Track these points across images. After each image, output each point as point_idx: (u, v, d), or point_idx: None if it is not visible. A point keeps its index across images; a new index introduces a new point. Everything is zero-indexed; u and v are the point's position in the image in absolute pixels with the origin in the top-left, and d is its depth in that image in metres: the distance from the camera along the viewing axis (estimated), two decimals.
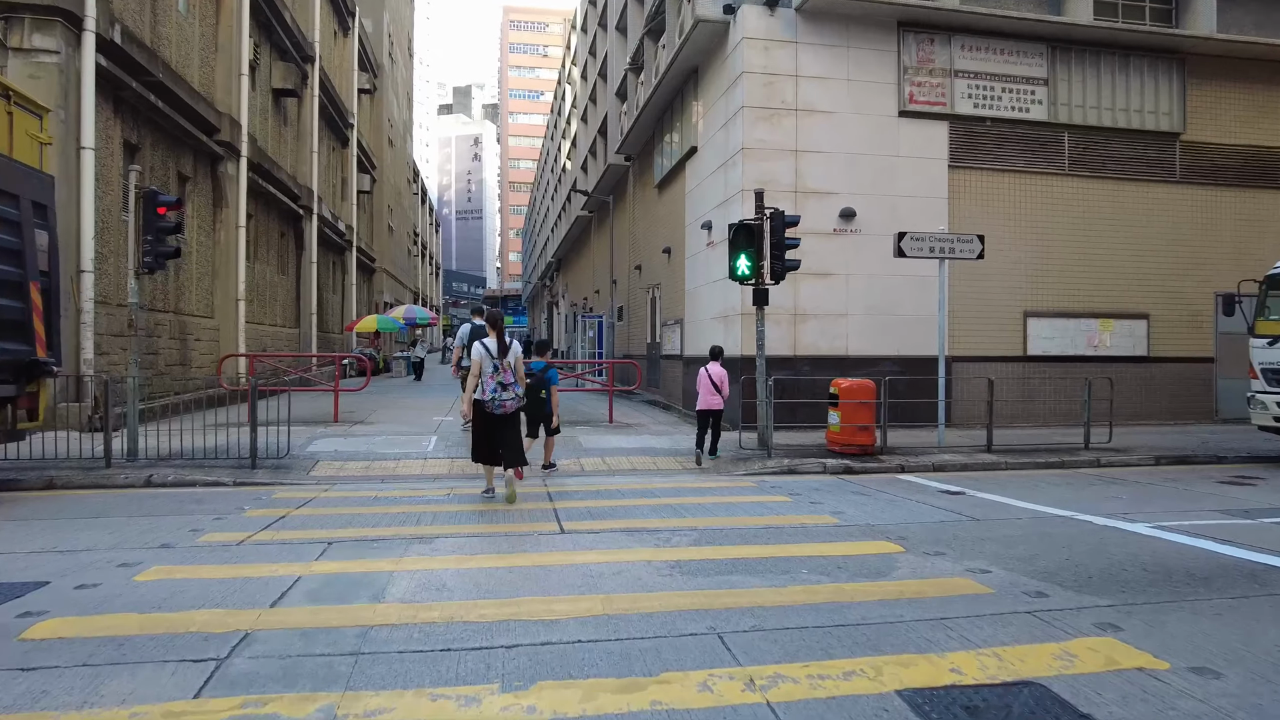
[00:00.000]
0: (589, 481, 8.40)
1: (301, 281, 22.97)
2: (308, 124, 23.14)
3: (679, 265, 15.97)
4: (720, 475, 9.07)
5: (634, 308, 20.92)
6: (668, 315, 16.95)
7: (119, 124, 12.08)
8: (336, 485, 8.00)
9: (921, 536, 5.81)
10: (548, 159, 48.94)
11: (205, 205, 15.71)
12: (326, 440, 9.99)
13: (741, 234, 9.90)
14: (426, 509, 6.70)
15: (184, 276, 14.61)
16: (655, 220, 18.39)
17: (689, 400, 14.47)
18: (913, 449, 10.56)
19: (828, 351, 12.41)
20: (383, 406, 14.63)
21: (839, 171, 12.57)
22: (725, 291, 12.75)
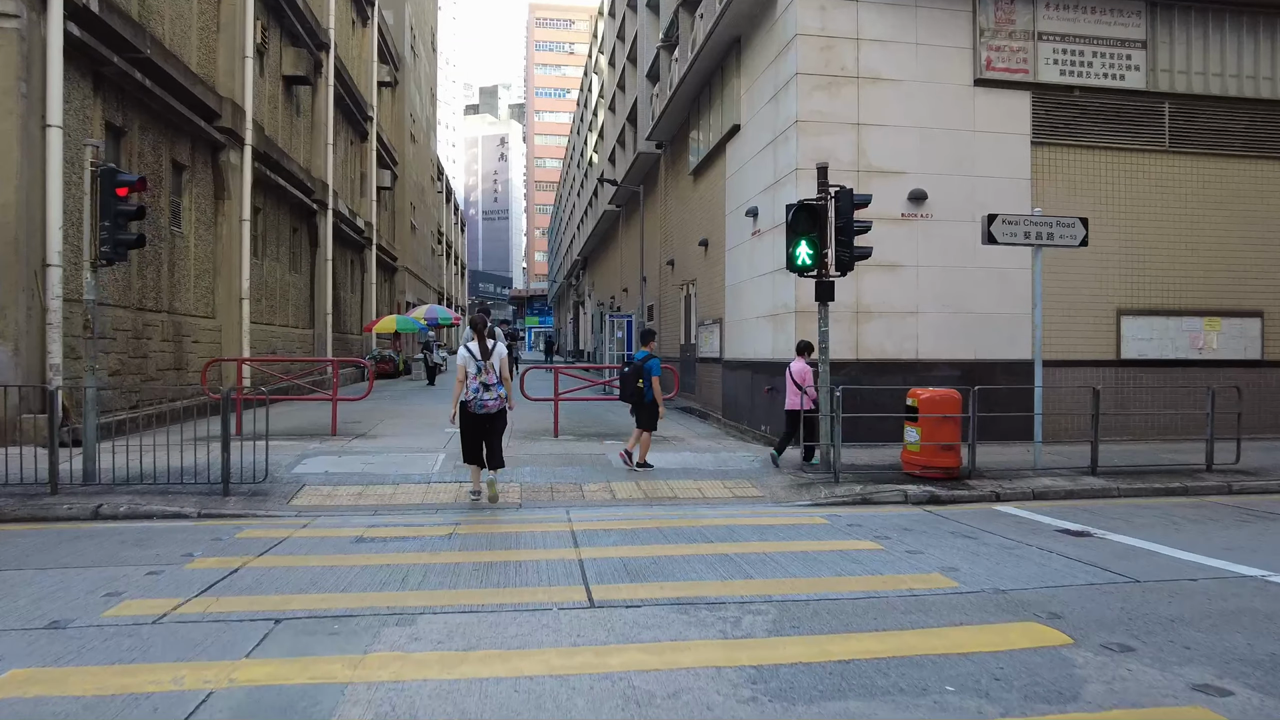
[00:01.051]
0: (623, 515, 6.93)
1: (316, 280, 21.85)
2: (322, 114, 22.02)
3: (717, 259, 14.45)
4: (781, 506, 7.54)
5: (666, 306, 19.42)
6: (705, 314, 15.43)
7: (99, 103, 10.89)
8: (318, 519, 6.62)
9: (1081, 613, 4.23)
10: (574, 154, 47.65)
11: (205, 196, 14.55)
12: (317, 459, 8.64)
13: (802, 216, 8.35)
14: (419, 559, 5.28)
15: (180, 273, 13.44)
16: (690, 211, 16.88)
17: (730, 408, 12.95)
18: (1002, 471, 8.93)
19: (894, 355, 10.80)
20: (391, 415, 13.31)
21: (907, 148, 10.95)
22: (775, 286, 11.20)
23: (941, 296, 11.02)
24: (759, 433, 11.40)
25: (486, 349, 7.07)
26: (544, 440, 10.36)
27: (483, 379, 6.99)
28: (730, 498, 7.74)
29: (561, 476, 8.20)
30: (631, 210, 25.70)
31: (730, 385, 13.27)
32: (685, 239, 17.27)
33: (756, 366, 11.84)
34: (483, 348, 7.06)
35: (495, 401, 7.03)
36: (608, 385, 16.50)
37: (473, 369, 7.02)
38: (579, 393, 13.10)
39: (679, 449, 10.12)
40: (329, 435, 10.21)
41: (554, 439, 10.46)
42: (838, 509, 7.45)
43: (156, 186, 12.58)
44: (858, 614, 4.22)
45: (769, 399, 11.09)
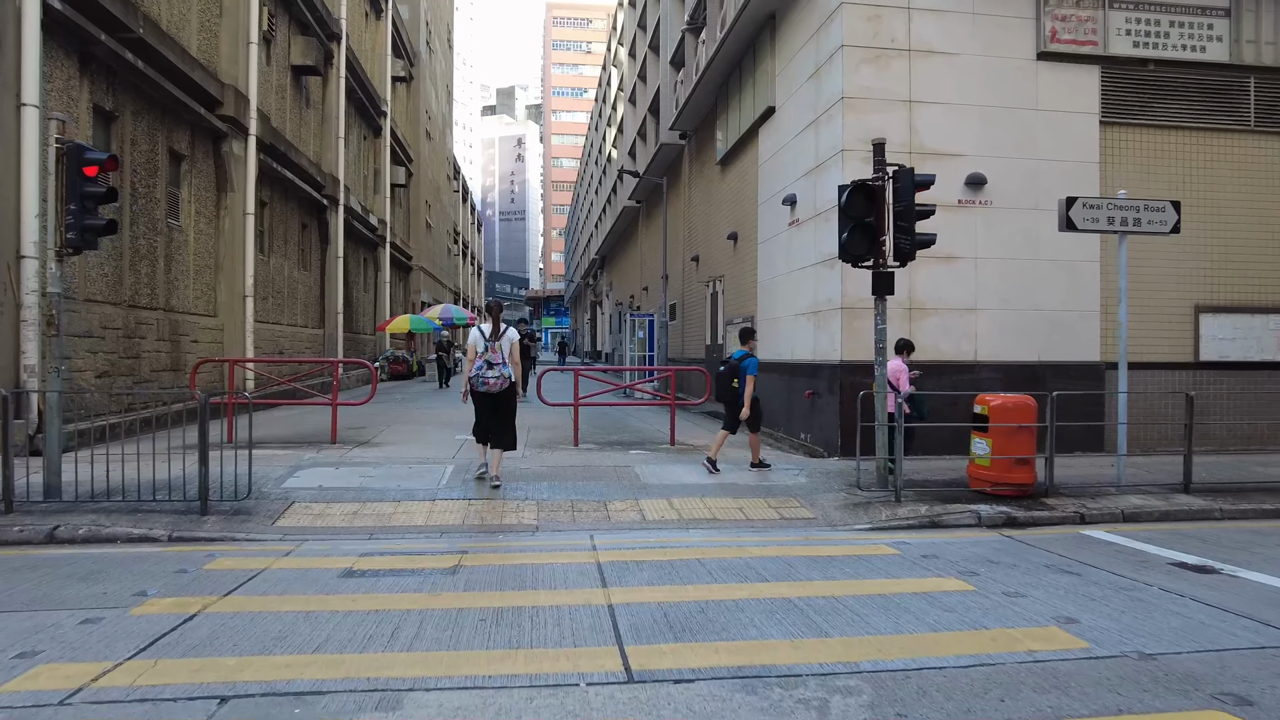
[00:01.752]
0: (656, 540, 5.97)
1: (326, 278, 21.11)
2: (333, 107, 21.28)
3: (748, 253, 13.46)
4: (838, 530, 6.55)
5: (689, 305, 18.45)
6: (733, 312, 14.44)
7: (86, 84, 10.11)
8: (305, 543, 5.73)
9: (1276, 696, 3.22)
10: (592, 150, 46.80)
11: (206, 188, 13.78)
12: (311, 471, 7.75)
13: (858, 198, 7.35)
14: (415, 601, 4.35)
15: (178, 268, 12.67)
16: (716, 203, 15.90)
17: (763, 414, 11.92)
18: (1080, 487, 7.88)
19: (950, 355, 9.76)
20: (398, 420, 12.43)
21: (963, 128, 9.91)
22: (818, 281, 10.20)
23: (1001, 292, 9.96)
24: (798, 441, 10.40)
25: (498, 330, 7.39)
26: (563, 450, 9.43)
27: (487, 357, 7.32)
28: (777, 519, 6.76)
29: (583, 493, 7.26)
30: (652, 205, 24.75)
31: (763, 389, 12.23)
32: (711, 233, 16.29)
33: (794, 369, 10.83)
34: (495, 329, 7.39)
35: (497, 380, 7.28)
36: (628, 389, 15.56)
37: (480, 348, 7.35)
38: (601, 396, 12.12)
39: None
40: (328, 443, 9.33)
41: (574, 448, 9.53)
42: (904, 534, 6.45)
43: (152, 176, 11.81)
44: (975, 692, 3.23)
45: (810, 404, 10.09)
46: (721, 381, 8.65)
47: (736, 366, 8.42)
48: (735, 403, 8.43)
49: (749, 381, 8.31)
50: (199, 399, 6.25)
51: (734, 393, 8.42)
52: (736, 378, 8.40)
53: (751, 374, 8.34)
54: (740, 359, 8.44)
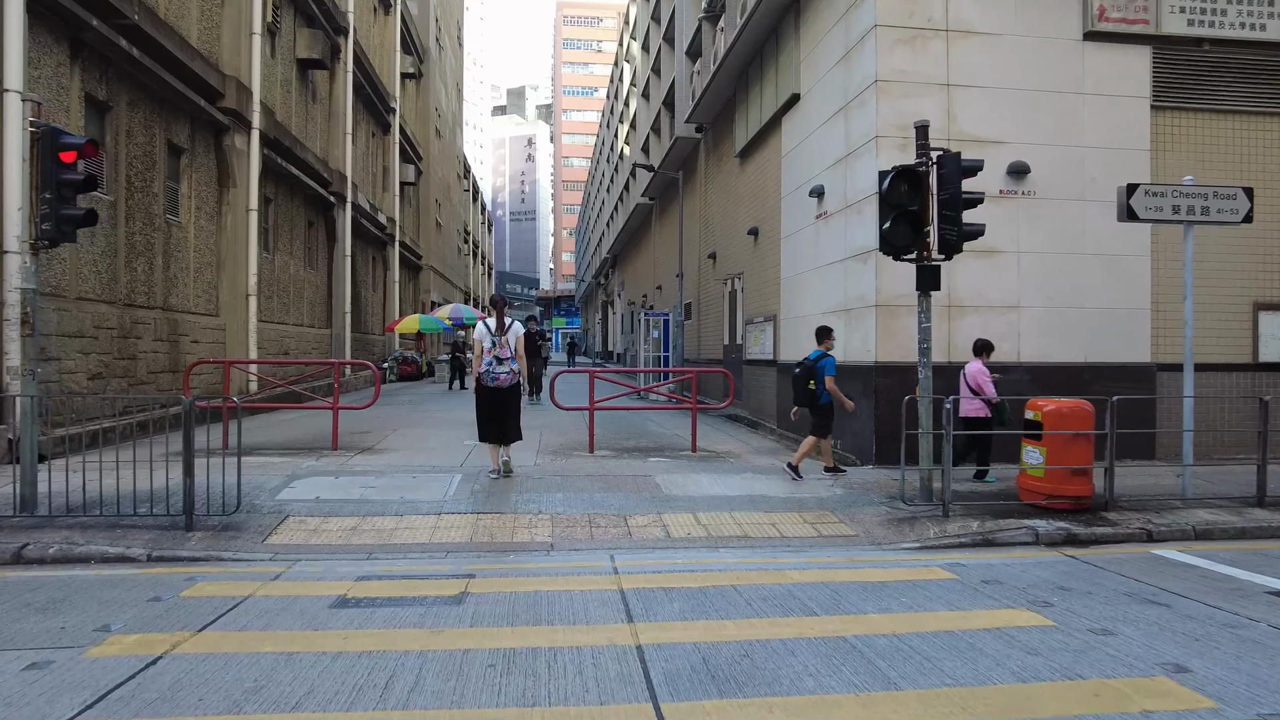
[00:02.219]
0: (684, 561, 5.38)
1: (334, 277, 20.67)
2: (340, 102, 20.83)
3: (770, 249, 12.85)
4: (884, 550, 5.93)
5: (706, 303, 17.84)
6: (754, 311, 13.83)
7: (77, 72, 9.64)
8: (297, 564, 5.18)
9: None
10: (603, 148, 46.26)
11: (206, 183, 13.32)
12: (309, 481, 7.21)
13: (900, 185, 6.74)
14: (415, 640, 3.79)
15: (177, 266, 12.20)
16: (735, 198, 15.29)
17: (787, 418, 11.30)
18: (1141, 500, 7.23)
19: (992, 357, 9.10)
20: (405, 424, 11.90)
21: (1004, 114, 9.26)
22: (848, 276, 9.58)
23: (1045, 288, 9.31)
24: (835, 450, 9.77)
25: (503, 325, 7.33)
26: (578, 457, 8.85)
27: (496, 353, 7.27)
28: (815, 536, 6.15)
29: (601, 505, 6.68)
30: (667, 202, 24.17)
31: (787, 392, 11.63)
32: (729, 229, 15.69)
33: None
34: (500, 324, 7.32)
35: (508, 375, 7.30)
36: (642, 391, 14.98)
37: (488, 344, 7.29)
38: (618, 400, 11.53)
39: (738, 468, 8.53)
40: (329, 449, 8.79)
41: (589, 455, 8.95)
42: (956, 554, 5.83)
43: (149, 170, 11.34)
44: None
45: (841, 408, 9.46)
46: (797, 384, 8.21)
47: (813, 367, 8.06)
48: (817, 406, 8.09)
49: (829, 381, 7.96)
50: (183, 404, 5.70)
51: (812, 395, 8.07)
52: (813, 379, 8.04)
53: (829, 374, 7.99)
54: (817, 359, 8.08)
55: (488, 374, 7.27)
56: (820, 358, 8.09)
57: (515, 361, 7.35)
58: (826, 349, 8.20)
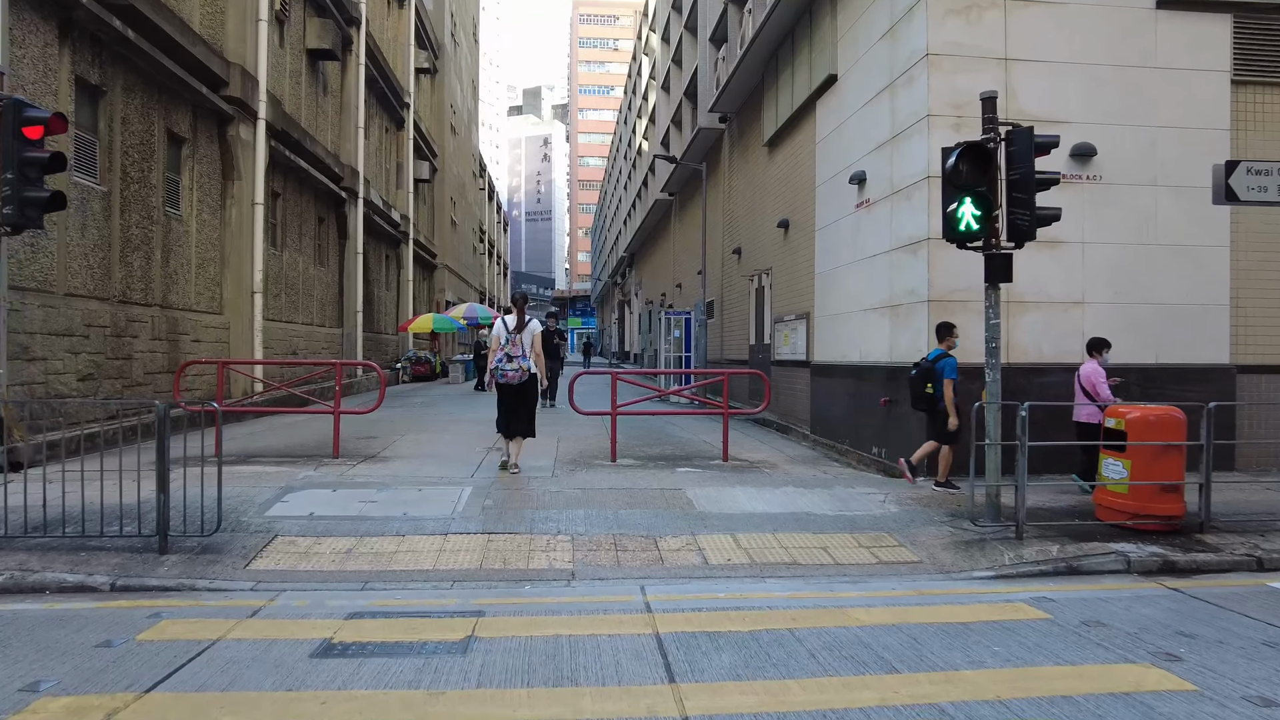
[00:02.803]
0: (727, 595, 4.63)
1: (345, 275, 20.10)
2: (352, 95, 20.27)
3: (802, 242, 12.06)
4: (954, 579, 5.15)
5: (730, 301, 17.05)
6: (783, 309, 13.04)
7: (67, 53, 9.05)
8: (281, 595, 4.49)
9: None
10: (620, 145, 45.55)
11: (210, 175, 12.74)
12: (303, 495, 6.52)
13: (967, 162, 5.94)
14: (409, 707, 3.07)
15: (177, 261, 11.61)
16: (763, 189, 14.51)
17: (823, 423, 10.54)
18: (1236, 518, 6.40)
19: (1052, 357, 8.28)
20: (414, 428, 11.21)
21: (1067, 90, 8.42)
22: (894, 269, 8.77)
23: (1113, 282, 8.45)
24: (869, 456, 8.98)
25: (522, 323, 7.44)
26: (599, 468, 8.11)
27: (508, 350, 7.33)
28: (873, 563, 5.37)
29: (627, 524, 5.94)
30: (687, 197, 23.41)
31: (823, 395, 10.86)
32: (756, 222, 14.90)
33: (863, 372, 9.41)
34: (519, 322, 7.43)
35: (516, 373, 7.33)
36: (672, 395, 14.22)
37: (503, 340, 7.37)
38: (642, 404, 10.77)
39: (776, 480, 7.75)
40: (329, 457, 8.10)
41: (611, 465, 8.22)
42: (1038, 584, 5.03)
43: (147, 160, 10.76)
44: None
45: (885, 413, 8.66)
46: (914, 387, 7.41)
47: (931, 369, 7.24)
48: (935, 410, 7.27)
49: (947, 386, 7.13)
50: (156, 409, 5.03)
51: (930, 400, 7.26)
52: (931, 382, 7.21)
53: (949, 377, 7.15)
54: (935, 359, 7.24)
55: (498, 371, 7.38)
56: (940, 358, 7.23)
57: (528, 359, 7.40)
58: (947, 348, 7.32)
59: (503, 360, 7.32)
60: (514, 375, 7.32)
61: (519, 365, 7.32)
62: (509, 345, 7.34)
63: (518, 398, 7.52)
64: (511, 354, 7.32)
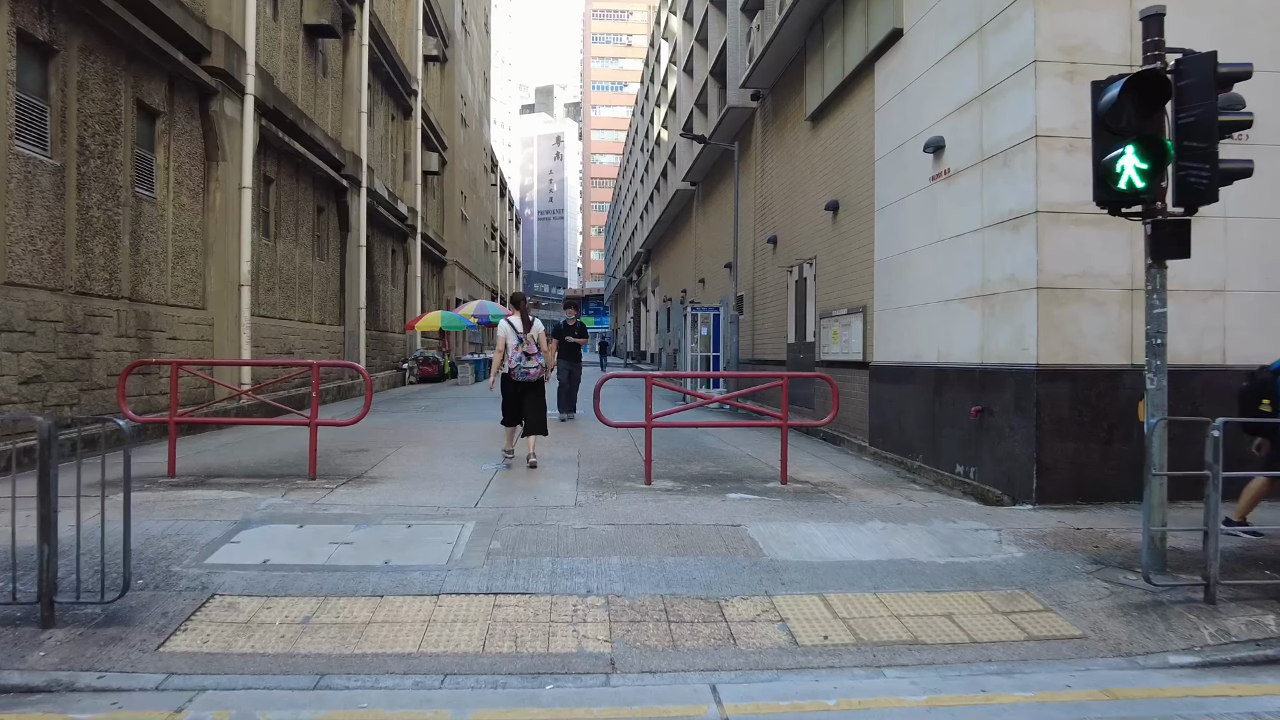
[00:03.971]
0: (836, 702, 3.19)
1: (347, 269, 18.79)
2: (355, 78, 18.95)
3: (856, 225, 10.58)
4: (1148, 666, 3.67)
5: (762, 296, 15.57)
6: (831, 302, 11.55)
7: (7, 2, 7.73)
8: (194, 704, 3.09)
9: None
10: (636, 138, 44.11)
11: (190, 155, 11.42)
12: (261, 532, 5.12)
13: (1131, 99, 4.46)
14: None
15: (149, 249, 10.30)
16: (804, 170, 13.03)
17: (886, 434, 9.01)
18: None
19: (1189, 357, 6.75)
20: (414, 438, 9.79)
21: (1209, 29, 6.88)
22: (988, 252, 7.27)
23: (1265, 266, 6.92)
24: (952, 476, 7.49)
25: (528, 321, 7.55)
26: (631, 493, 6.64)
27: (524, 349, 7.45)
28: (1021, 639, 3.90)
29: (679, 579, 4.49)
30: (712, 185, 21.93)
31: (887, 401, 9.37)
32: (796, 207, 13.42)
33: (944, 376, 7.92)
34: (524, 321, 7.54)
35: (536, 370, 7.50)
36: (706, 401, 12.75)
37: (514, 341, 7.45)
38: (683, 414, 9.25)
39: (853, 510, 6.25)
40: (304, 478, 6.69)
41: (646, 490, 6.75)
42: (1269, 677, 3.54)
43: (112, 133, 9.45)
44: None
45: (977, 425, 7.17)
46: (1245, 405, 5.56)
47: (1271, 380, 5.47)
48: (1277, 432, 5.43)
49: None
50: (39, 427, 3.64)
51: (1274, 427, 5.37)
52: (1270, 397, 5.40)
53: None
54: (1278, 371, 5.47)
55: (519, 370, 7.45)
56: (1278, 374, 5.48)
57: (542, 356, 7.56)
58: None
59: (522, 359, 7.43)
60: (536, 372, 7.49)
61: (538, 363, 7.49)
62: (524, 345, 7.46)
63: (535, 394, 7.64)
64: (529, 352, 7.44)
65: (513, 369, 7.44)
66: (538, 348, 7.50)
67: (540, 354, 7.51)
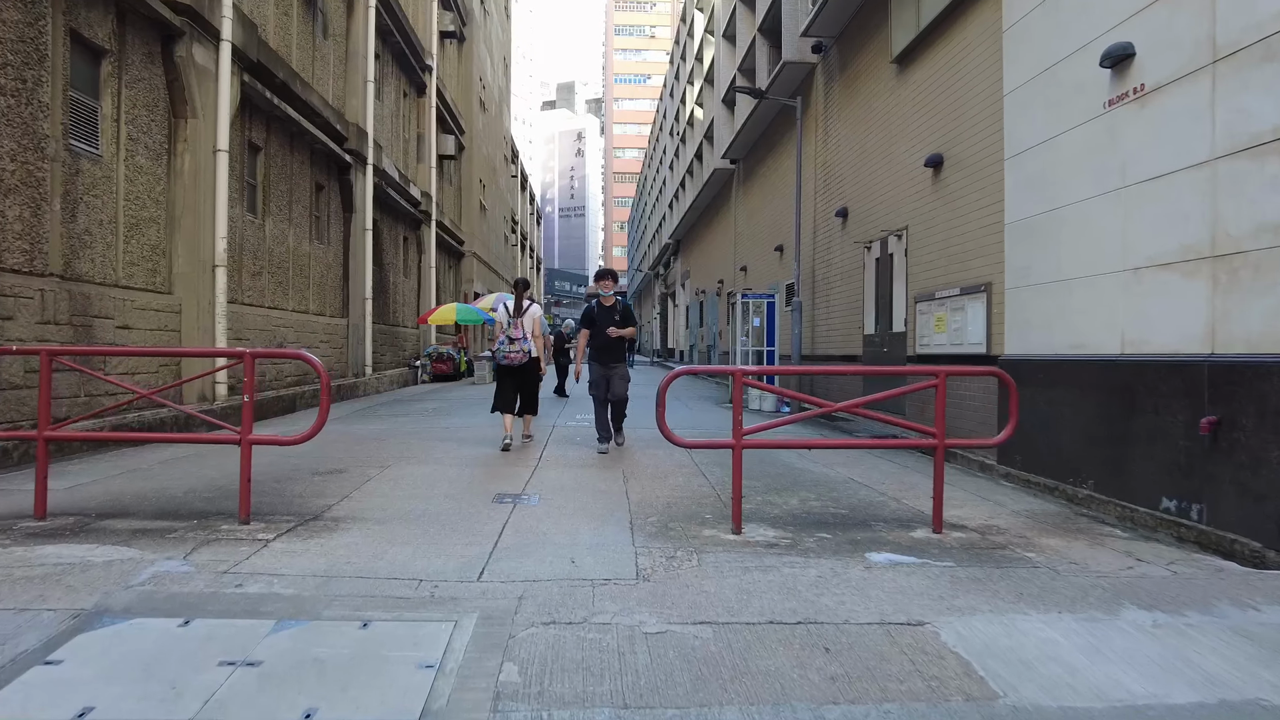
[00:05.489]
0: None
1: (351, 255, 16.87)
2: (360, 43, 17.02)
3: (972, 182, 8.35)
4: None
5: (827, 279, 13.36)
6: (932, 281, 9.34)
7: None
8: None
9: None
10: (664, 123, 41.89)
11: (150, 107, 9.49)
12: (107, 638, 3.05)
13: None
14: None
15: (90, 217, 8.38)
16: (888, 123, 10.81)
17: (1028, 452, 6.62)
18: None
19: None
20: (409, 454, 7.60)
21: None
22: (1219, 194, 4.99)
23: None
24: (1154, 515, 5.25)
25: (521, 307, 7.68)
26: (718, 549, 4.36)
27: (509, 333, 7.58)
28: None
29: None
30: (757, 160, 19.71)
31: (1027, 406, 7.10)
32: (875, 170, 11.21)
33: (1137, 372, 5.65)
34: (518, 305, 7.68)
35: (518, 354, 7.57)
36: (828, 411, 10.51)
37: (505, 323, 7.64)
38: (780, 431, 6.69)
39: (1079, 587, 3.96)
40: (232, 520, 4.61)
41: (739, 542, 4.52)
42: None
43: (31, 67, 7.51)
44: None
45: (1208, 442, 4.93)
46: None
47: None
48: None
49: None
50: None
51: None
52: None
53: None
54: None
55: (499, 353, 7.59)
56: None
57: (529, 341, 7.59)
58: None
59: (504, 343, 7.54)
60: (516, 357, 7.55)
61: (520, 348, 7.55)
62: (510, 328, 7.56)
63: (521, 379, 7.78)
64: (513, 336, 7.52)
65: (494, 351, 7.62)
66: (524, 333, 7.56)
67: (527, 339, 7.57)
